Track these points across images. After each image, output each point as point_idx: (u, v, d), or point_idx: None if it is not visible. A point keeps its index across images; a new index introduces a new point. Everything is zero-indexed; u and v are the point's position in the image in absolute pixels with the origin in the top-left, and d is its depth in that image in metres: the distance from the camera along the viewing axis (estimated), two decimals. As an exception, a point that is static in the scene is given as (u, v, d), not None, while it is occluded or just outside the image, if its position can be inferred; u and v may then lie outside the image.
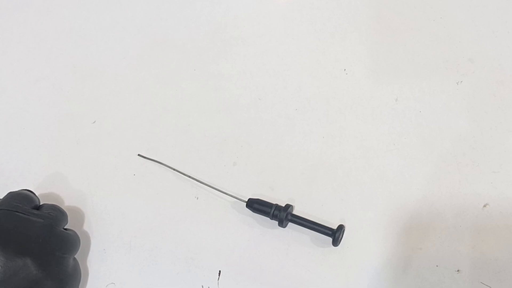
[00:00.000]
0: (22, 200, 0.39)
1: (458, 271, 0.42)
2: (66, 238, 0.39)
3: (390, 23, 0.52)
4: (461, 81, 0.49)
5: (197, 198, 0.45)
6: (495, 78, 0.49)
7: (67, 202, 0.46)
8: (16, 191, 0.41)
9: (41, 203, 0.41)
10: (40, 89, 0.51)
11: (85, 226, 0.45)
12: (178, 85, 0.50)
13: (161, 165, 0.46)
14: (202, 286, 0.42)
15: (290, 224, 0.43)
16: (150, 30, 0.53)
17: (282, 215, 0.42)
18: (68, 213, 0.42)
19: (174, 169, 0.46)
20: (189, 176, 0.45)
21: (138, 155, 0.47)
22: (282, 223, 0.42)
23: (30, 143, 0.48)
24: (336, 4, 0.53)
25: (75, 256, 0.41)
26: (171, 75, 0.51)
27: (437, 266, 0.42)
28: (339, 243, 0.41)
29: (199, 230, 0.44)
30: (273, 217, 0.42)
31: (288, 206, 0.42)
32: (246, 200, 0.43)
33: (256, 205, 0.43)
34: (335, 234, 0.41)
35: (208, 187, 0.45)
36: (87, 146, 0.48)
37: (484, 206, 0.44)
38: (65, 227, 0.41)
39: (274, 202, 0.43)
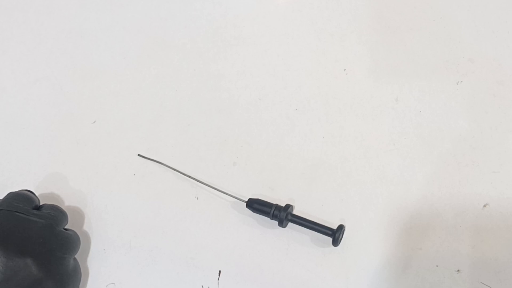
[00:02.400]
0: (22, 201, 0.39)
1: (458, 271, 0.42)
2: (66, 238, 0.39)
3: (390, 23, 0.52)
4: (461, 81, 0.49)
5: (197, 198, 0.45)
6: (495, 78, 0.49)
7: (67, 202, 0.46)
8: (16, 192, 0.41)
9: (41, 203, 0.41)
10: (40, 89, 0.51)
11: (85, 226, 0.45)
12: (178, 85, 0.50)
13: (161, 165, 0.46)
14: (202, 286, 0.42)
15: (290, 224, 0.43)
16: (150, 30, 0.53)
17: (282, 215, 0.42)
18: (68, 213, 0.42)
19: (174, 169, 0.46)
20: (189, 176, 0.45)
21: (138, 155, 0.47)
22: (282, 223, 0.42)
23: (30, 143, 0.48)
24: (336, 4, 0.53)
25: (75, 256, 0.41)
26: (171, 75, 0.51)
27: (437, 266, 0.42)
28: (339, 243, 0.41)
29: (199, 230, 0.44)
30: (273, 217, 0.42)
31: (288, 206, 0.42)
32: (246, 200, 0.43)
33: (256, 205, 0.43)
34: (335, 234, 0.41)
35: (208, 187, 0.45)
36: (87, 146, 0.48)
37: (484, 206, 0.44)
38: (65, 227, 0.41)
39: (274, 202, 0.43)
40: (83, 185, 0.46)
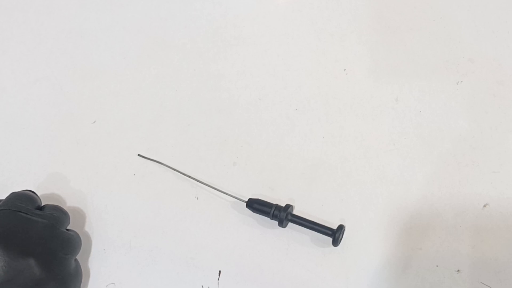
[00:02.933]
0: (25, 201, 0.39)
1: (458, 271, 0.42)
2: (68, 238, 0.39)
3: (390, 23, 0.52)
4: (461, 81, 0.49)
5: (197, 198, 0.45)
6: (495, 78, 0.49)
7: (67, 202, 0.46)
8: (18, 192, 0.41)
9: (42, 204, 0.41)
10: (40, 89, 0.51)
11: (86, 226, 0.45)
12: (178, 85, 0.50)
13: (161, 165, 0.46)
14: (202, 286, 0.42)
15: (290, 224, 0.43)
16: (150, 30, 0.53)
17: (282, 215, 0.42)
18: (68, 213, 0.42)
19: (174, 169, 0.46)
20: (189, 176, 0.45)
21: (138, 155, 0.47)
22: (282, 223, 0.42)
23: (30, 143, 0.48)
24: (336, 4, 0.53)
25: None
26: (171, 75, 0.51)
27: (437, 266, 0.42)
28: (339, 243, 0.41)
29: (199, 230, 0.44)
30: (273, 217, 0.42)
31: (288, 206, 0.42)
32: (246, 200, 0.43)
33: (256, 205, 0.43)
34: (335, 234, 0.41)
35: (208, 187, 0.45)
36: (87, 146, 0.48)
37: (484, 206, 0.44)
38: (66, 228, 0.41)
39: (274, 202, 0.43)
40: (83, 185, 0.46)
